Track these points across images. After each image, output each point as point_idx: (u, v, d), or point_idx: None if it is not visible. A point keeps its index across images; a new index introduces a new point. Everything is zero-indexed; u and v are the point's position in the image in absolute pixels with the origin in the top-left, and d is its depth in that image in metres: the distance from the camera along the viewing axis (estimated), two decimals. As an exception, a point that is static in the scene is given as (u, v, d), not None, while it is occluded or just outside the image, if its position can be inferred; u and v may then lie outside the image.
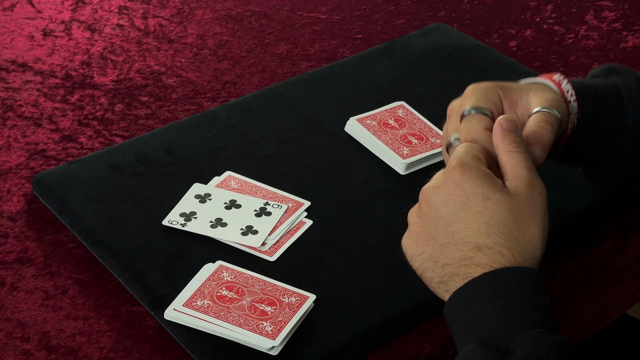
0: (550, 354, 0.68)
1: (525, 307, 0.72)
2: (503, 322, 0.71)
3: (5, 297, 0.90)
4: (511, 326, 0.71)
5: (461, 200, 0.76)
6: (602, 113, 0.91)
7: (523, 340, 0.69)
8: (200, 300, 0.85)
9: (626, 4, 1.42)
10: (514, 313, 0.71)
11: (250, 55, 1.29)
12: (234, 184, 1.01)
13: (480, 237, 0.75)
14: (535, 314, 0.71)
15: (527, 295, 0.72)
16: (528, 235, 0.75)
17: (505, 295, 0.72)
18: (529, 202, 0.76)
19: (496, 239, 0.75)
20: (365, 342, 0.86)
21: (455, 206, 0.76)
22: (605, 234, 1.00)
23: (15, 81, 1.21)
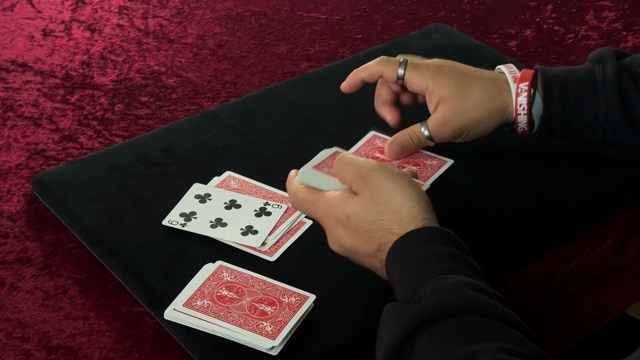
0: (449, 294, 0.74)
1: (428, 260, 0.78)
2: (412, 279, 0.78)
3: (5, 297, 0.90)
4: (418, 280, 0.77)
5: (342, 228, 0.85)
6: (573, 107, 0.98)
7: (426, 289, 0.75)
8: (200, 300, 0.85)
9: (626, 4, 1.42)
10: (418, 268, 0.78)
11: (250, 55, 1.29)
12: (234, 184, 1.01)
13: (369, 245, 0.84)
14: (438, 264, 0.78)
15: (431, 250, 0.79)
16: (395, 207, 0.82)
17: (410, 255, 0.80)
18: (372, 188, 0.83)
19: (380, 233, 0.83)
20: (365, 342, 0.86)
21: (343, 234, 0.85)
22: (605, 234, 1.00)
23: (15, 81, 1.21)
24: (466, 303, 0.73)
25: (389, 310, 0.77)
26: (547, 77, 0.99)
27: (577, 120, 0.99)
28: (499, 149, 1.08)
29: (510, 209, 0.99)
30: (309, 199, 0.87)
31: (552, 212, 0.99)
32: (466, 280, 0.75)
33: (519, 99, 0.98)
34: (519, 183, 1.03)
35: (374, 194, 0.83)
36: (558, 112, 0.98)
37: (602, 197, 1.02)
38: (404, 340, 0.73)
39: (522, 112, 0.98)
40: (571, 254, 0.98)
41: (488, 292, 0.75)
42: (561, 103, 0.98)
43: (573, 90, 0.98)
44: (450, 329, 0.72)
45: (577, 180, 1.03)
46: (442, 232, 0.82)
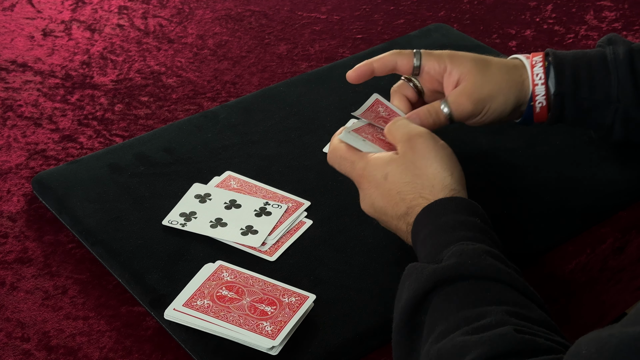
0: (469, 257, 0.77)
1: (453, 227, 0.82)
2: (436, 242, 0.82)
3: (5, 297, 0.90)
4: (441, 244, 0.81)
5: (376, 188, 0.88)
6: (584, 85, 0.98)
7: (448, 252, 0.79)
8: (200, 300, 0.85)
9: (626, 4, 1.42)
10: (443, 233, 0.82)
11: (250, 55, 1.29)
12: (234, 184, 1.01)
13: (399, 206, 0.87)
14: (462, 231, 0.81)
15: (455, 218, 0.83)
16: (430, 174, 0.86)
17: (437, 221, 0.83)
18: (415, 151, 0.87)
19: (411, 195, 0.86)
20: (365, 342, 0.86)
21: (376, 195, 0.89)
22: (605, 234, 1.00)
23: (15, 81, 1.21)
24: (484, 268, 0.77)
25: (410, 269, 0.80)
26: (558, 57, 0.99)
27: (588, 99, 0.98)
28: (499, 148, 1.08)
29: (510, 209, 0.99)
30: (349, 157, 0.90)
31: (552, 212, 0.99)
32: (486, 249, 0.79)
33: (534, 69, 0.98)
34: (519, 183, 1.03)
35: (416, 156, 0.87)
36: (570, 89, 0.98)
37: (602, 197, 1.02)
38: (421, 297, 0.77)
39: (540, 81, 0.97)
40: (571, 254, 0.98)
41: (506, 261, 0.79)
42: (573, 81, 0.98)
43: (584, 69, 0.98)
44: (465, 290, 0.76)
45: (577, 180, 1.03)
46: (470, 203, 0.85)
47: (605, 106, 0.98)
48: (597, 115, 0.99)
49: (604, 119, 0.99)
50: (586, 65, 0.98)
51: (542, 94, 0.98)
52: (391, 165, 0.87)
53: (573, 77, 0.98)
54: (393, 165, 0.87)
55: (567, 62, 0.98)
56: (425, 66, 0.99)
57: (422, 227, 0.84)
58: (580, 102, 0.98)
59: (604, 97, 0.98)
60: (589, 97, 0.98)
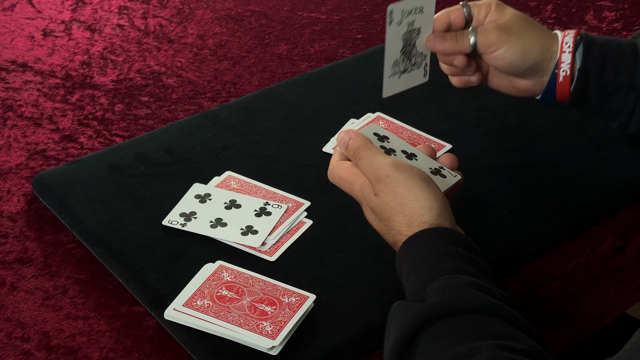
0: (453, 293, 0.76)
1: (435, 260, 0.81)
2: (420, 277, 0.80)
3: (5, 297, 0.90)
4: (425, 278, 0.80)
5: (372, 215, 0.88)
6: (610, 66, 0.98)
7: (431, 289, 0.78)
8: (200, 300, 0.85)
9: (626, 4, 1.42)
10: (425, 267, 0.81)
11: (250, 55, 1.29)
12: (234, 184, 1.01)
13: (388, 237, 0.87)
14: (444, 264, 0.80)
15: (439, 250, 0.81)
16: (406, 212, 0.84)
17: (417, 254, 0.82)
18: (387, 193, 0.85)
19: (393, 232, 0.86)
20: (365, 342, 0.86)
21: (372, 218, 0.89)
22: (605, 234, 1.00)
23: (15, 81, 1.21)
24: (469, 302, 0.75)
25: (396, 308, 0.79)
26: (590, 36, 0.99)
27: (612, 80, 0.99)
28: (499, 148, 1.08)
29: (510, 209, 0.99)
30: (346, 178, 0.89)
31: (552, 212, 0.99)
32: (470, 280, 0.77)
33: (565, 38, 0.98)
34: (519, 183, 1.03)
35: (388, 197, 0.85)
36: (596, 67, 0.98)
37: (602, 197, 1.02)
38: (409, 338, 0.75)
39: (567, 49, 0.98)
40: (571, 254, 0.98)
41: (492, 291, 0.77)
42: (600, 60, 0.98)
43: (613, 51, 0.99)
44: (452, 327, 0.74)
45: (577, 180, 1.03)
46: (451, 232, 0.83)
47: (627, 91, 0.98)
48: (618, 99, 0.99)
49: (625, 105, 0.99)
50: (616, 48, 0.99)
51: (567, 62, 0.98)
52: (373, 202, 0.86)
53: (601, 56, 0.98)
54: (374, 202, 0.86)
55: (597, 43, 0.99)
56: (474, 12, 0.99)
57: (405, 262, 0.83)
58: (604, 83, 0.98)
59: (628, 82, 0.98)
60: (613, 79, 0.98)
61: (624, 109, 1.00)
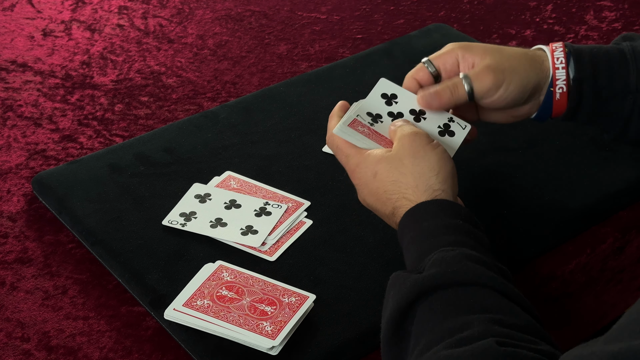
0: (449, 265, 0.77)
1: (435, 232, 0.82)
2: (419, 248, 0.82)
3: (5, 297, 0.90)
4: (423, 251, 0.81)
5: (366, 186, 0.89)
6: (603, 73, 0.96)
7: (429, 261, 0.79)
8: (200, 300, 0.85)
9: (626, 4, 1.42)
10: (425, 239, 0.82)
11: (250, 55, 1.29)
12: (234, 184, 1.01)
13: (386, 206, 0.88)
14: (444, 236, 0.81)
15: (439, 223, 0.82)
16: (415, 173, 0.86)
17: (418, 226, 0.83)
18: (406, 148, 0.87)
19: (396, 195, 0.86)
20: (365, 342, 0.86)
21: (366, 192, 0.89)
22: (605, 234, 1.00)
23: (15, 81, 1.21)
24: (464, 275, 0.76)
25: (393, 278, 0.80)
26: (576, 46, 0.98)
27: (607, 87, 0.96)
28: (499, 148, 1.08)
29: (510, 209, 0.99)
30: (344, 149, 0.90)
31: (552, 212, 0.99)
32: (467, 252, 0.79)
33: (555, 53, 0.96)
34: (519, 183, 1.03)
35: (405, 153, 0.86)
36: (589, 75, 0.96)
37: (602, 197, 1.02)
38: (406, 309, 0.77)
39: (560, 65, 0.95)
40: (571, 254, 0.98)
41: (488, 263, 0.78)
42: (592, 68, 0.96)
43: (602, 59, 0.97)
44: (447, 300, 0.76)
45: (577, 180, 1.03)
46: (451, 204, 0.85)
47: (623, 96, 0.96)
48: (615, 105, 0.97)
49: (622, 110, 0.97)
50: (604, 55, 0.97)
51: (562, 79, 0.95)
52: (381, 164, 0.87)
53: (592, 64, 0.96)
54: (383, 163, 0.87)
55: (585, 51, 0.97)
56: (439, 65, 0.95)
57: (406, 232, 0.84)
58: (599, 89, 0.96)
59: (623, 86, 0.96)
60: (607, 86, 0.96)
61: (620, 114, 0.97)
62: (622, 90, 0.96)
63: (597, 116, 0.98)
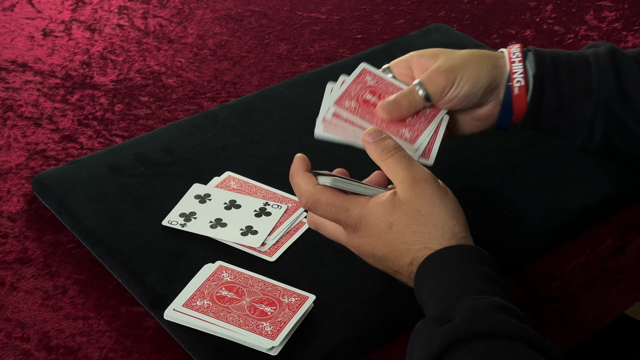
0: (483, 314, 0.74)
1: (462, 278, 0.78)
2: (445, 295, 0.78)
3: (5, 297, 0.90)
4: (452, 297, 0.77)
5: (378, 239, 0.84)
6: (564, 73, 0.95)
7: (460, 308, 0.75)
8: (200, 301, 0.85)
9: (626, 4, 1.42)
10: (452, 285, 0.78)
11: (250, 55, 1.29)
12: (234, 184, 1.01)
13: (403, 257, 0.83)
14: (474, 282, 0.78)
15: (466, 268, 0.79)
16: (438, 223, 0.82)
17: (443, 272, 0.79)
18: (420, 198, 0.82)
19: (418, 246, 0.82)
20: (365, 342, 0.86)
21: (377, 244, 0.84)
22: (605, 234, 1.00)
23: (15, 81, 1.21)
24: (498, 325, 0.73)
25: (421, 327, 0.77)
26: (537, 48, 0.96)
27: (568, 87, 0.94)
28: (499, 148, 1.08)
29: (510, 209, 0.99)
30: (339, 204, 0.84)
31: (552, 212, 0.99)
32: (500, 302, 0.76)
33: (511, 49, 0.95)
34: (519, 183, 1.03)
35: (421, 204, 0.82)
36: (550, 74, 0.94)
37: (602, 197, 1.02)
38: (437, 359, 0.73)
39: (517, 59, 0.94)
40: (571, 254, 0.98)
41: (519, 314, 0.76)
42: (553, 66, 0.95)
43: (564, 60, 0.95)
44: (480, 351, 0.72)
45: (577, 180, 1.03)
46: (476, 250, 0.82)
47: (585, 97, 0.94)
48: (576, 108, 0.95)
49: (585, 113, 0.95)
50: (566, 57, 0.96)
51: (520, 72, 0.94)
52: (396, 215, 0.82)
53: (553, 64, 0.95)
54: (398, 214, 0.82)
55: (547, 52, 0.96)
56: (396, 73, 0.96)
57: (429, 278, 0.80)
58: (560, 90, 0.94)
59: (585, 88, 0.94)
60: (568, 86, 0.94)
61: (583, 118, 0.95)
62: (584, 92, 0.94)
63: (560, 119, 0.96)
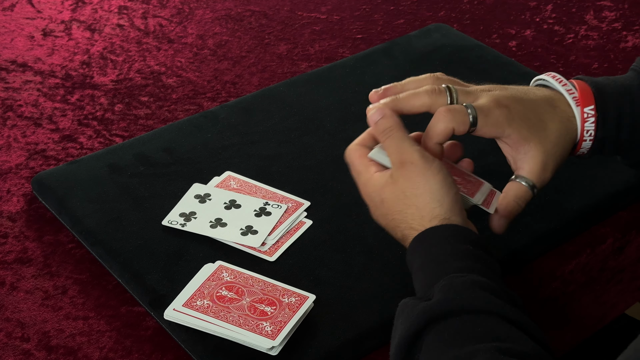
0: (457, 292, 0.76)
1: (443, 258, 0.81)
2: (428, 274, 0.81)
3: (5, 297, 0.90)
4: (433, 276, 0.80)
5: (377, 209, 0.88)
6: (626, 127, 0.94)
7: (437, 287, 0.78)
8: (200, 301, 0.85)
9: (626, 4, 1.42)
10: (433, 265, 0.81)
11: (250, 55, 1.29)
12: (234, 184, 1.01)
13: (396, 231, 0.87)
14: (454, 262, 0.80)
15: (447, 247, 0.82)
16: (420, 204, 0.84)
17: (426, 252, 0.82)
18: (405, 179, 0.85)
19: (403, 224, 0.85)
20: (365, 342, 0.86)
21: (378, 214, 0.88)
22: (605, 234, 1.00)
23: (15, 81, 1.21)
24: (473, 301, 0.76)
25: (402, 306, 0.80)
26: (603, 98, 0.94)
27: (629, 141, 0.95)
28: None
29: (510, 209, 0.99)
30: (356, 166, 0.89)
31: (552, 212, 0.99)
32: (476, 279, 0.78)
33: (585, 125, 0.93)
34: (519, 183, 1.03)
35: (406, 186, 0.85)
36: (612, 134, 0.94)
37: (602, 197, 1.02)
38: (414, 337, 0.76)
39: (589, 137, 0.93)
40: (571, 254, 0.98)
41: (497, 290, 0.77)
42: (616, 126, 0.94)
43: (628, 111, 0.94)
44: (455, 328, 0.75)
45: (577, 180, 1.03)
46: (460, 229, 0.84)
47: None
48: (633, 152, 0.96)
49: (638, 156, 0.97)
50: (629, 106, 0.94)
51: (587, 147, 0.94)
52: (385, 192, 0.86)
53: (616, 121, 0.94)
54: (387, 191, 0.86)
55: (610, 103, 0.94)
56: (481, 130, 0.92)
57: (415, 258, 0.83)
58: (620, 142, 0.95)
59: None
60: (629, 139, 0.94)
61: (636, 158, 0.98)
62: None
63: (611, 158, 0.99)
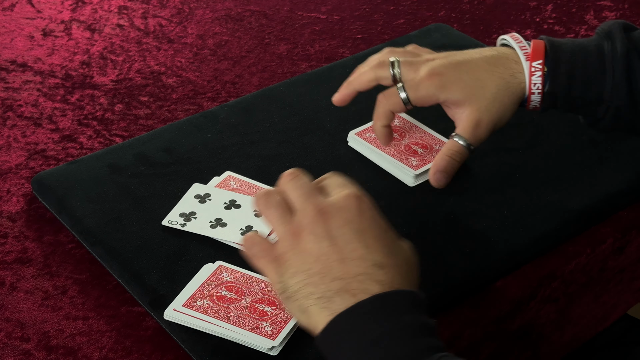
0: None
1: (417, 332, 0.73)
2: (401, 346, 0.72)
3: (5, 297, 0.90)
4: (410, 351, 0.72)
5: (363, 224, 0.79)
6: (578, 84, 0.97)
7: None
8: (200, 301, 0.85)
9: (626, 4, 1.42)
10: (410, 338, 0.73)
11: (250, 55, 1.29)
12: (234, 184, 1.01)
13: (381, 257, 0.77)
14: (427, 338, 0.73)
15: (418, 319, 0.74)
16: None
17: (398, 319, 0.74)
18: None
19: (396, 260, 0.78)
20: (365, 342, 0.86)
21: (356, 228, 0.78)
22: (605, 234, 1.00)
23: (15, 81, 1.21)
24: None
25: None
26: (556, 53, 0.97)
27: (581, 97, 0.97)
28: (499, 148, 1.08)
29: (510, 209, 0.99)
30: None
31: (552, 212, 0.99)
32: None
33: (532, 78, 0.97)
34: (519, 183, 1.03)
35: None
36: (564, 88, 0.97)
37: (602, 197, 1.02)
38: None
39: (537, 91, 0.97)
40: (571, 254, 0.98)
41: None
42: (567, 80, 0.97)
43: (580, 67, 0.97)
44: None
45: (577, 180, 1.03)
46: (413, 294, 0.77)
47: (597, 104, 0.98)
48: (587, 110, 0.99)
49: (594, 114, 0.99)
50: (582, 62, 0.97)
51: (537, 101, 0.98)
52: None
53: (568, 76, 0.97)
54: None
55: (563, 58, 0.97)
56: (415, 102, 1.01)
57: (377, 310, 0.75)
58: (572, 99, 0.98)
59: (597, 97, 0.97)
60: (581, 96, 0.97)
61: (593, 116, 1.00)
62: (596, 99, 0.97)
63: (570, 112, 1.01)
